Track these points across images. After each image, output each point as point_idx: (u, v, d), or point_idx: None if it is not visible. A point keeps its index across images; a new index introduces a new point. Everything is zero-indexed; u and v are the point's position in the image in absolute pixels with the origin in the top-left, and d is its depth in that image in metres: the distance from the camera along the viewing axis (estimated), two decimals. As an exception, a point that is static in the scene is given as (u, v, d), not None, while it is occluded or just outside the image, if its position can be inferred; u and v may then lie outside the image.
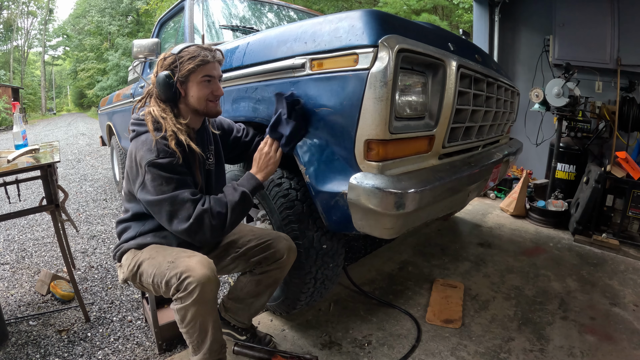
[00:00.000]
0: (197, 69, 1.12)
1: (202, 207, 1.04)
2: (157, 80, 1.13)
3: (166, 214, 1.04)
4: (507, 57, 3.96)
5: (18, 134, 1.90)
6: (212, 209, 1.05)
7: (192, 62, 1.11)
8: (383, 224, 1.09)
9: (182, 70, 1.11)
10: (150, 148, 1.05)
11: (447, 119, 1.22)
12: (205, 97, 1.15)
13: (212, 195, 1.11)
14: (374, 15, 1.08)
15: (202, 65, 1.13)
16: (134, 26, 27.34)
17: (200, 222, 1.03)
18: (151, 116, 1.11)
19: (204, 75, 1.14)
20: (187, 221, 1.03)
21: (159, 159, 1.04)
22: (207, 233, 1.05)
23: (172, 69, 1.12)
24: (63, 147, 8.07)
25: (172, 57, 1.13)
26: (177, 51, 1.13)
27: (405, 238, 2.55)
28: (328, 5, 10.65)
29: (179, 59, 1.12)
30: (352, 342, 1.49)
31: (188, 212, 1.03)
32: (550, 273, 2.09)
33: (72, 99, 42.21)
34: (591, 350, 1.44)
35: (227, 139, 1.41)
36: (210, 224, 1.04)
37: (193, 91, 1.14)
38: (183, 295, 1.00)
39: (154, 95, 1.16)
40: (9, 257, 2.41)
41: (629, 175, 2.44)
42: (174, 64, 1.12)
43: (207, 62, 1.14)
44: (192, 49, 1.13)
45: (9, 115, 15.06)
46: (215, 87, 1.17)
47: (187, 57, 1.11)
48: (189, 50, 1.13)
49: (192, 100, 1.14)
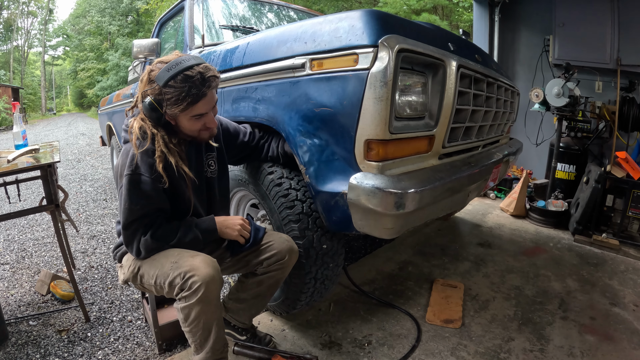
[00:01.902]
0: (187, 109, 1.02)
1: (144, 237, 1.07)
2: (143, 105, 1.04)
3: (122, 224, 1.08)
4: (507, 57, 3.96)
5: (18, 134, 1.90)
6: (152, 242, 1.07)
7: (178, 105, 1.00)
8: (383, 224, 1.10)
9: (169, 108, 1.02)
10: (132, 160, 1.04)
11: (447, 119, 1.22)
12: (197, 130, 1.10)
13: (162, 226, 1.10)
14: (374, 15, 1.08)
15: (192, 105, 1.02)
16: (134, 26, 27.34)
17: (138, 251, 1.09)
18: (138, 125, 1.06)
19: (195, 114, 1.05)
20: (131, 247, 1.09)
21: (135, 173, 1.04)
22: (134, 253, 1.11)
23: (158, 100, 1.02)
24: (63, 147, 8.07)
25: (157, 88, 1.00)
26: (162, 83, 0.98)
27: (405, 238, 2.55)
28: (328, 5, 10.64)
29: (165, 94, 1.00)
30: (352, 342, 1.49)
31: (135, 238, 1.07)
32: (550, 273, 2.08)
33: (72, 99, 42.22)
34: (591, 350, 1.44)
35: (234, 143, 1.39)
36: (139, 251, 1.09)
37: (183, 125, 1.08)
38: (187, 294, 1.00)
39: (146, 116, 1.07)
40: (9, 257, 2.41)
41: (629, 175, 2.44)
42: (160, 96, 1.01)
43: (197, 101, 1.01)
44: (178, 83, 0.98)
45: (9, 115, 15.06)
46: (208, 119, 1.09)
47: (173, 97, 0.99)
48: (175, 87, 0.98)
49: (182, 129, 1.10)
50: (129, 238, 1.08)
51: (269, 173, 1.41)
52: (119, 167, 1.09)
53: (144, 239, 1.07)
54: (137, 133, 1.05)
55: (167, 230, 1.10)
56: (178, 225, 1.13)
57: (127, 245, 1.10)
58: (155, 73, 1.01)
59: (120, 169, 1.08)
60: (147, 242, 1.07)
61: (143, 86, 1.05)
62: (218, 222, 1.18)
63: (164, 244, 1.09)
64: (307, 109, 1.19)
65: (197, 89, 1.00)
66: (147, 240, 1.07)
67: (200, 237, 1.13)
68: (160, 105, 1.02)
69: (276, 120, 1.32)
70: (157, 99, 1.02)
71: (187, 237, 1.11)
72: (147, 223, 1.08)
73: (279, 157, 1.42)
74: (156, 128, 1.07)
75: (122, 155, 1.10)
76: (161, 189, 1.07)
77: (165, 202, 1.10)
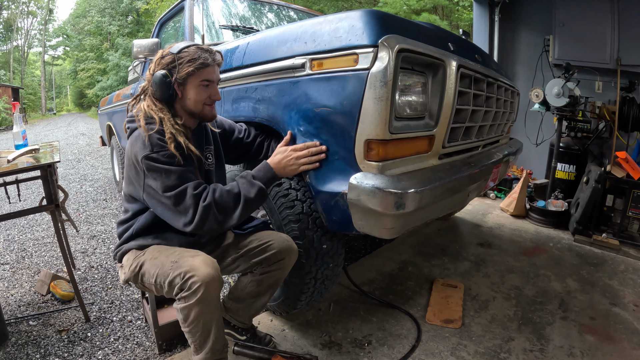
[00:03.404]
0: (196, 72, 1.10)
1: (204, 203, 1.01)
2: (153, 79, 1.10)
3: (169, 211, 1.04)
4: (507, 57, 3.96)
5: (18, 134, 1.90)
6: (218, 204, 1.03)
7: (191, 64, 1.08)
8: (383, 224, 1.09)
9: (180, 71, 1.09)
10: (144, 142, 1.05)
11: (447, 119, 1.22)
12: (202, 101, 1.14)
13: (219, 186, 1.07)
14: (374, 15, 1.07)
15: (202, 68, 1.10)
16: (134, 26, 27.33)
17: (204, 219, 1.01)
18: (144, 112, 1.10)
19: (203, 79, 1.12)
20: (191, 221, 1.01)
21: (153, 152, 1.03)
22: (214, 227, 1.04)
23: (170, 69, 1.09)
24: (63, 147, 8.07)
25: (170, 57, 1.10)
26: (176, 50, 1.10)
27: (405, 238, 2.55)
28: (328, 5, 10.64)
29: (177, 59, 1.09)
30: (352, 342, 1.49)
31: (192, 209, 1.01)
32: (550, 273, 2.09)
33: (72, 99, 42.21)
34: (591, 350, 1.44)
35: (228, 140, 1.40)
36: (215, 219, 1.03)
37: (190, 94, 1.12)
38: (187, 295, 1.00)
39: (149, 94, 1.14)
40: (9, 257, 2.41)
41: (629, 175, 2.44)
42: (172, 63, 1.09)
43: (207, 65, 1.11)
44: (191, 49, 1.10)
45: (9, 115, 15.06)
46: (214, 91, 1.16)
47: (186, 58, 1.09)
48: (189, 51, 1.10)
49: (188, 102, 1.14)
50: (176, 204, 1.01)
51: (269, 173, 1.41)
52: (134, 155, 1.05)
53: (203, 205, 1.01)
54: (143, 116, 1.09)
55: (225, 191, 1.06)
56: (233, 185, 1.08)
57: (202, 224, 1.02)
58: (168, 49, 1.12)
59: (134, 158, 1.05)
60: (208, 208, 1.01)
61: (155, 63, 1.12)
62: (273, 166, 1.14)
63: (230, 205, 1.04)
64: (307, 109, 1.19)
65: (207, 54, 1.12)
66: (210, 205, 1.01)
67: (264, 188, 1.10)
68: (171, 74, 1.09)
69: (276, 120, 1.32)
70: (169, 68, 1.10)
71: (251, 193, 1.07)
72: (195, 186, 1.03)
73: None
74: (162, 112, 1.10)
75: (132, 142, 1.08)
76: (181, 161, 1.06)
77: (194, 170, 1.10)
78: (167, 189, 1.02)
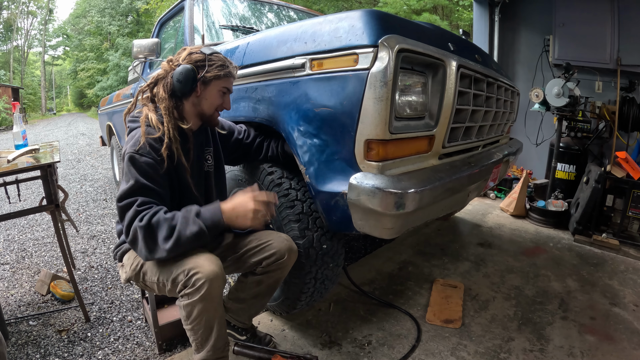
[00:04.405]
0: (222, 78, 1.15)
1: (140, 222, 0.96)
2: (177, 70, 1.10)
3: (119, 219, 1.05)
4: (507, 57, 3.96)
5: (18, 134, 1.90)
6: (151, 228, 0.97)
7: (221, 70, 1.14)
8: (383, 224, 1.09)
9: (209, 72, 1.12)
10: (136, 142, 1.06)
11: (447, 119, 1.22)
12: (216, 106, 1.19)
13: (162, 211, 0.99)
14: (374, 15, 1.08)
15: (227, 77, 1.17)
16: (134, 26, 27.32)
17: (134, 240, 0.99)
18: (146, 117, 1.10)
19: (224, 87, 1.18)
20: (126, 235, 1.00)
21: (136, 153, 1.04)
22: (143, 251, 0.99)
23: (198, 67, 1.12)
24: (63, 147, 8.07)
25: (201, 56, 1.13)
26: (208, 52, 1.14)
27: (405, 238, 2.55)
28: (328, 5, 10.64)
29: (209, 60, 1.13)
30: (352, 342, 1.49)
31: (127, 223, 0.98)
32: (550, 273, 2.08)
33: (72, 99, 42.21)
34: (591, 350, 1.44)
35: (228, 141, 1.41)
36: (144, 244, 0.97)
37: (209, 95, 1.16)
38: (190, 291, 1.00)
39: (163, 84, 1.12)
40: (9, 257, 2.41)
41: (629, 175, 2.44)
42: (202, 62, 1.12)
43: (231, 76, 1.19)
44: (222, 56, 1.16)
45: (9, 115, 15.06)
46: (227, 100, 1.22)
47: (218, 62, 1.14)
48: (220, 57, 1.15)
49: (204, 103, 1.16)
50: (122, 213, 1.00)
51: (269, 173, 1.41)
52: (124, 151, 1.08)
53: (137, 225, 0.96)
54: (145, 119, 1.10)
55: (163, 219, 0.98)
56: (174, 215, 1.00)
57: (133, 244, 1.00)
58: (198, 49, 1.15)
59: (123, 152, 1.08)
60: (140, 229, 0.97)
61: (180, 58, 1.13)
62: (225, 211, 1.02)
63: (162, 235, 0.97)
64: (307, 109, 1.19)
65: (232, 66, 1.19)
66: (143, 227, 0.96)
67: (205, 230, 0.99)
68: (198, 69, 1.12)
69: (276, 120, 1.32)
70: (198, 65, 1.12)
71: (187, 231, 0.97)
72: (143, 203, 1.00)
73: (279, 157, 1.43)
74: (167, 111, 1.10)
75: (127, 140, 1.11)
76: (163, 174, 1.07)
77: (165, 189, 1.08)
78: (121, 195, 1.01)
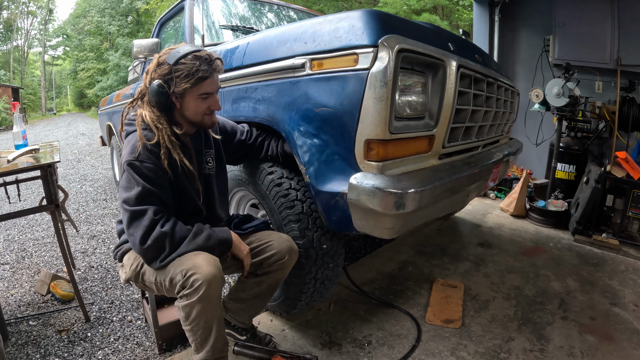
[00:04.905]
0: (194, 87, 1.07)
1: (161, 229, 1.02)
2: (150, 89, 1.08)
3: (127, 224, 1.04)
4: (507, 57, 3.96)
5: (18, 134, 1.90)
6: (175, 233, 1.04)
7: (189, 80, 1.05)
8: (383, 224, 1.10)
9: (178, 85, 1.05)
10: (134, 148, 1.06)
11: (447, 119, 1.22)
12: (201, 112, 1.13)
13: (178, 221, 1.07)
14: (374, 15, 1.08)
15: (200, 82, 1.07)
16: (134, 26, 27.33)
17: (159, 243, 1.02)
18: (142, 119, 1.10)
19: (202, 93, 1.10)
20: (144, 241, 1.01)
21: (136, 160, 1.04)
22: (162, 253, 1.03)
23: (167, 80, 1.06)
24: (63, 147, 8.07)
25: (167, 68, 1.06)
26: (172, 61, 1.05)
27: (405, 238, 2.55)
28: (328, 5, 10.64)
29: (175, 71, 1.05)
30: (352, 342, 1.49)
31: (146, 230, 1.01)
32: (550, 273, 2.08)
33: (72, 99, 42.20)
34: (591, 350, 1.44)
35: (231, 141, 1.40)
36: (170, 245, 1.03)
37: (189, 106, 1.11)
38: (189, 292, 1.00)
39: (147, 100, 1.12)
40: (9, 257, 2.41)
41: (629, 175, 2.44)
42: (169, 75, 1.06)
43: (205, 79, 1.08)
44: (189, 61, 1.05)
45: (9, 115, 15.05)
46: (213, 102, 1.14)
47: (183, 72, 1.05)
48: (186, 64, 1.05)
49: (187, 113, 1.13)
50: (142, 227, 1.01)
51: (269, 173, 1.41)
52: (122, 158, 1.09)
53: (160, 230, 1.01)
54: (141, 122, 1.09)
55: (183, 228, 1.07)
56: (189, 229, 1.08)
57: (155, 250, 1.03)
58: (165, 56, 1.08)
59: (122, 159, 1.08)
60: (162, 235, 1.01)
61: (151, 70, 1.09)
62: (234, 237, 1.17)
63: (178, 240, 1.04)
64: (307, 109, 1.19)
65: (206, 66, 1.07)
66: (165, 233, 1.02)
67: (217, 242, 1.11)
68: (168, 85, 1.06)
69: (276, 120, 1.32)
70: (166, 79, 1.06)
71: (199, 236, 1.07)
72: (156, 211, 1.03)
73: (279, 157, 1.43)
74: (160, 122, 1.09)
75: (125, 145, 1.11)
76: (164, 179, 1.08)
77: (168, 194, 1.10)
78: (125, 201, 1.03)
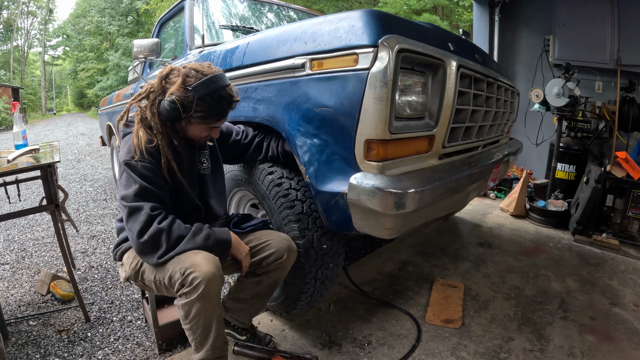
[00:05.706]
0: (209, 122, 1.13)
1: (158, 225, 1.02)
2: (165, 103, 1.06)
3: (125, 220, 1.05)
4: (507, 57, 3.96)
5: (18, 134, 1.90)
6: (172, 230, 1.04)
7: (207, 119, 1.10)
8: (383, 224, 1.10)
9: (194, 114, 1.08)
10: (130, 148, 1.08)
11: (447, 119, 1.22)
12: (202, 137, 1.19)
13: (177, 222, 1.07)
14: (374, 15, 1.08)
15: (215, 122, 1.15)
16: (134, 26, 27.33)
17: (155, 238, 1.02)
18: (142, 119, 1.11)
19: (212, 126, 1.16)
20: (141, 236, 1.02)
21: (133, 160, 1.07)
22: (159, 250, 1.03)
23: (184, 105, 1.06)
24: (63, 147, 8.07)
25: (191, 96, 1.05)
26: (199, 94, 1.05)
27: (405, 238, 2.55)
28: (328, 5, 10.64)
29: (197, 104, 1.06)
30: (352, 342, 1.49)
31: (143, 225, 1.01)
32: (550, 273, 2.08)
33: (72, 99, 42.20)
34: (591, 350, 1.44)
35: (225, 142, 1.42)
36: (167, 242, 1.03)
37: (193, 130, 1.15)
38: (188, 291, 1.00)
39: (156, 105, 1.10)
40: (9, 257, 2.41)
41: (629, 175, 2.44)
42: (190, 103, 1.06)
43: (220, 119, 1.15)
44: (214, 99, 1.08)
45: (9, 115, 15.06)
46: (215, 132, 1.20)
47: (204, 109, 1.08)
48: (209, 102, 1.07)
49: (188, 133, 1.17)
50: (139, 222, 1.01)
51: (269, 173, 1.41)
52: (119, 158, 1.11)
53: (157, 227, 1.02)
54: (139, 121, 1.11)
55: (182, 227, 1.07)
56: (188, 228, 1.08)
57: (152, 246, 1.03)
58: (193, 82, 1.06)
59: (119, 159, 1.11)
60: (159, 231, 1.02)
61: (174, 86, 1.06)
62: (233, 238, 1.16)
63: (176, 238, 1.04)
64: (307, 109, 1.19)
65: (224, 109, 1.13)
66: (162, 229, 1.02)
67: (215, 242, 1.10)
68: (184, 109, 1.07)
69: (276, 120, 1.32)
70: (185, 104, 1.06)
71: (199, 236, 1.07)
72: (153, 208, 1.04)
73: (279, 157, 1.43)
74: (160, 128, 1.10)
75: (122, 145, 1.13)
76: (160, 178, 1.10)
77: (165, 192, 1.12)
78: (123, 198, 1.05)
